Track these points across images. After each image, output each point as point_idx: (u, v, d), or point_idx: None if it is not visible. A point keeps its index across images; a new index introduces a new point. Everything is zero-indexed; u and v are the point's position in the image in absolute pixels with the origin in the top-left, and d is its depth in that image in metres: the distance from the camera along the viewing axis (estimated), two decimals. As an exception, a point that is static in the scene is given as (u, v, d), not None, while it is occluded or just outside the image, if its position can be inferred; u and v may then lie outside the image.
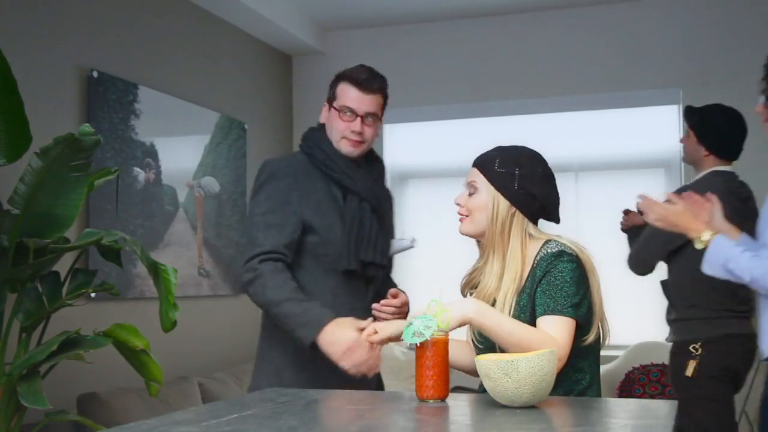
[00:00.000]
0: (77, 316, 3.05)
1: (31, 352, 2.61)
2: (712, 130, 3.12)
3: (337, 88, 2.43)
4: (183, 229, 4.30)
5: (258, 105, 5.19)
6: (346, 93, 2.40)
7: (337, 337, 2.12)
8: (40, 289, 2.78)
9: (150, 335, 2.76)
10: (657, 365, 4.49)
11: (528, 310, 2.02)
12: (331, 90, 2.46)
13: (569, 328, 1.97)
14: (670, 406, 1.73)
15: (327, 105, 2.46)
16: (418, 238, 2.60)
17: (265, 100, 5.28)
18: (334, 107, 2.41)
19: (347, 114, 2.38)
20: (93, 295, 3.40)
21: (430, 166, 5.38)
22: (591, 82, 5.03)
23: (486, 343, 2.05)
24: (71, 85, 3.57)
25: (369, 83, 2.40)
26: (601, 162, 5.11)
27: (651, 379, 4.49)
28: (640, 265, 3.20)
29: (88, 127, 2.61)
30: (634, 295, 4.39)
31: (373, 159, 2.56)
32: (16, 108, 2.65)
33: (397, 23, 5.35)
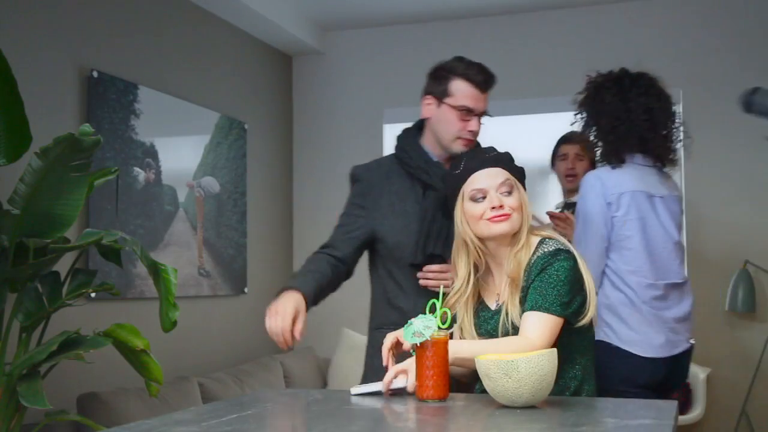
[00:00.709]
0: (77, 316, 3.05)
1: (31, 352, 2.61)
2: None
3: (450, 85, 2.41)
4: (183, 229, 4.30)
5: (258, 105, 5.19)
6: (463, 92, 2.39)
7: (276, 303, 2.20)
8: (40, 289, 2.78)
9: (150, 335, 2.76)
10: None
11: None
12: (438, 84, 2.43)
13: (553, 326, 1.96)
14: (670, 405, 1.73)
15: (435, 100, 2.42)
16: None
17: (265, 100, 5.28)
18: (449, 105, 2.39)
19: (465, 113, 2.38)
20: (93, 295, 3.40)
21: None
22: (591, 82, 5.02)
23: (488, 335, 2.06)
24: (71, 85, 3.57)
25: (488, 84, 2.42)
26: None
27: None
28: None
29: (88, 127, 2.60)
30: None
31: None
32: (16, 108, 2.65)
33: (397, 23, 5.34)
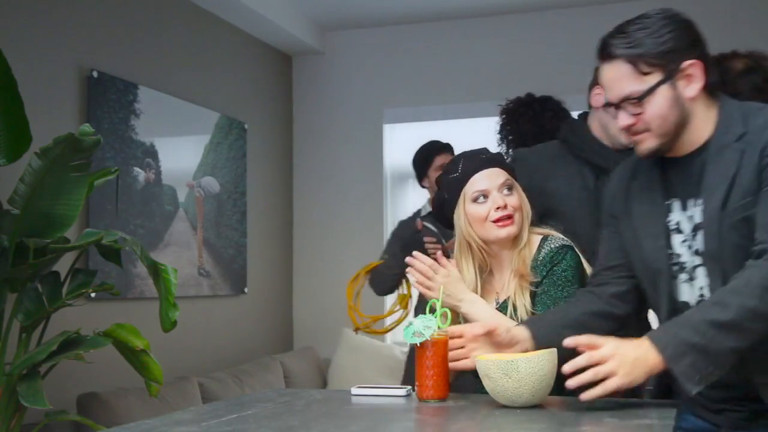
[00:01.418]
0: (77, 316, 3.05)
1: (31, 352, 2.61)
2: None
3: None
4: (183, 229, 4.30)
5: (258, 105, 5.19)
6: None
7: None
8: (40, 289, 2.78)
9: (150, 335, 2.76)
10: None
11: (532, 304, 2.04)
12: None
13: None
14: (670, 405, 1.73)
15: (599, 88, 2.37)
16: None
17: (265, 100, 5.28)
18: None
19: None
20: (93, 295, 3.40)
21: (430, 166, 5.38)
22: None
23: None
24: (71, 85, 3.57)
25: None
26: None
27: None
28: None
29: (88, 127, 2.60)
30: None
31: None
32: (16, 108, 2.65)
33: (397, 23, 5.34)
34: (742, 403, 1.79)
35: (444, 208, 2.18)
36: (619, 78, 1.75)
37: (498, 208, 2.05)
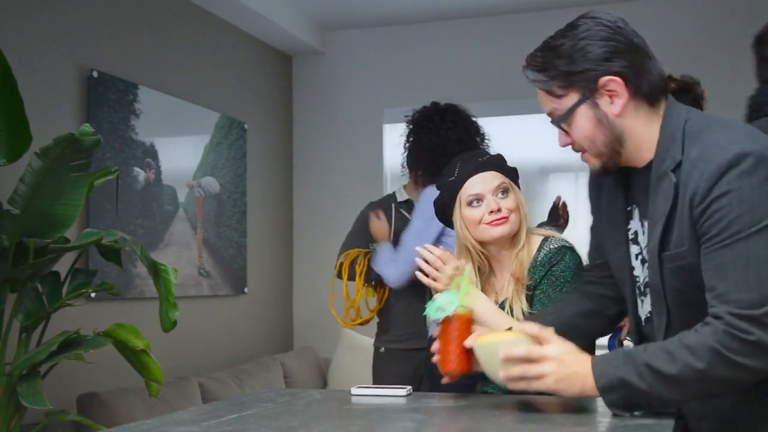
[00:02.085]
0: (77, 316, 3.05)
1: (31, 352, 2.61)
2: None
3: None
4: (183, 229, 4.30)
5: (258, 105, 5.19)
6: None
7: None
8: (40, 289, 2.78)
9: (150, 335, 2.76)
10: None
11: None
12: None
13: None
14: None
15: None
16: None
17: (265, 100, 5.28)
18: None
19: None
20: (93, 295, 3.40)
21: (430, 166, 5.38)
22: (591, 82, 5.03)
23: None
24: (71, 85, 3.57)
25: None
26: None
27: None
28: None
29: (88, 127, 2.60)
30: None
31: None
32: (16, 108, 2.65)
33: (396, 23, 5.34)
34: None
35: (444, 211, 2.20)
36: (542, 100, 1.67)
37: (492, 212, 2.07)
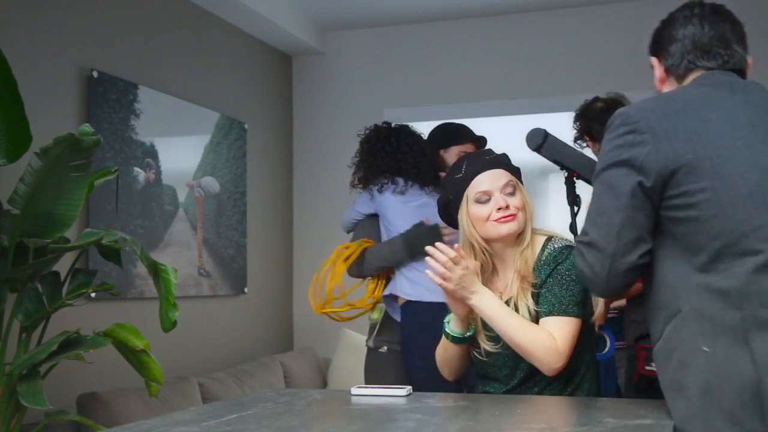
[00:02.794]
0: (77, 316, 3.05)
1: (31, 352, 2.61)
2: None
3: None
4: (183, 229, 4.30)
5: (258, 105, 5.19)
6: None
7: None
8: (40, 289, 2.78)
9: (150, 335, 2.76)
10: None
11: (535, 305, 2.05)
12: None
13: (573, 327, 1.99)
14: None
15: None
16: None
17: (265, 100, 5.28)
18: None
19: None
20: (93, 295, 3.40)
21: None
22: (591, 82, 5.02)
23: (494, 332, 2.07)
24: (71, 85, 3.57)
25: None
26: (601, 162, 5.10)
27: None
28: None
29: (88, 127, 2.60)
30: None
31: None
32: (16, 108, 2.65)
33: (397, 23, 5.34)
34: None
35: (449, 208, 2.21)
36: None
37: (499, 209, 2.08)
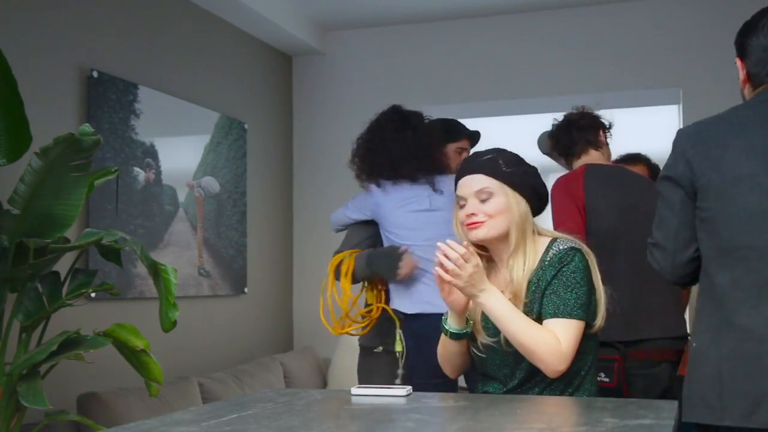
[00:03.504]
0: (77, 316, 3.05)
1: (31, 352, 2.61)
2: None
3: None
4: (183, 229, 4.30)
5: (258, 105, 5.19)
6: None
7: None
8: (40, 289, 2.78)
9: (150, 335, 2.76)
10: None
11: (536, 306, 2.05)
12: None
13: (577, 330, 1.99)
14: (670, 405, 1.73)
15: None
16: None
17: (265, 100, 5.28)
18: None
19: None
20: (93, 295, 3.40)
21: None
22: (591, 82, 5.03)
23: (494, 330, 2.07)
24: (71, 85, 3.57)
25: None
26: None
27: None
28: None
29: (88, 127, 2.60)
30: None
31: None
32: (16, 108, 2.65)
33: (397, 23, 5.34)
34: None
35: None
36: None
37: (468, 215, 2.11)
